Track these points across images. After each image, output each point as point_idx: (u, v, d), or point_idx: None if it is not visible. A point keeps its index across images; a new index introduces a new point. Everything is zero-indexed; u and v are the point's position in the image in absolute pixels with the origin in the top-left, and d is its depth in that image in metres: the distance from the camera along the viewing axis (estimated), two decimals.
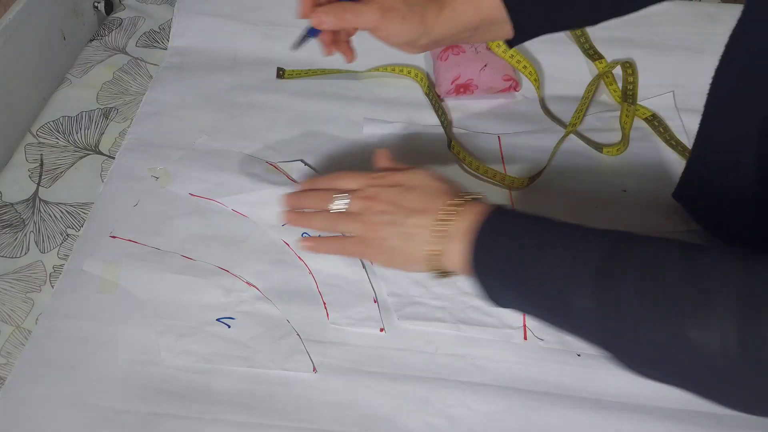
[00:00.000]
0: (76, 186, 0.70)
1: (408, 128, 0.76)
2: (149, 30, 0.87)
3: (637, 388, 0.56)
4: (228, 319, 0.59)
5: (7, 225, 0.66)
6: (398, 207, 0.53)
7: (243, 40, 0.84)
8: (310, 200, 0.58)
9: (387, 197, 0.54)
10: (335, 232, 0.57)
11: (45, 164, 0.71)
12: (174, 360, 0.57)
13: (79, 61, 0.82)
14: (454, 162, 0.73)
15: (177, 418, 0.54)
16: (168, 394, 0.55)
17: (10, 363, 0.57)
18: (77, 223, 0.67)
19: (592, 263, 0.42)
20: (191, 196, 0.68)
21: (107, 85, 0.80)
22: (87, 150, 0.73)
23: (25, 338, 0.58)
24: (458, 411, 0.55)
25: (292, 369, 0.56)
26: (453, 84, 0.78)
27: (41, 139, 0.74)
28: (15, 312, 0.60)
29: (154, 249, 0.64)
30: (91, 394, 0.55)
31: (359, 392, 0.55)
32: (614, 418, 0.54)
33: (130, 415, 0.54)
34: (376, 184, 0.55)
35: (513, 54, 0.79)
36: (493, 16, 0.57)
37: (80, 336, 0.58)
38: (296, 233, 0.66)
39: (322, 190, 0.58)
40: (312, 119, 0.77)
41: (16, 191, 0.69)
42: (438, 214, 0.50)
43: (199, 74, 0.81)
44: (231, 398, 0.55)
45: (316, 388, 0.56)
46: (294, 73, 0.81)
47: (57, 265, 0.63)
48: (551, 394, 0.55)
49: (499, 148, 0.74)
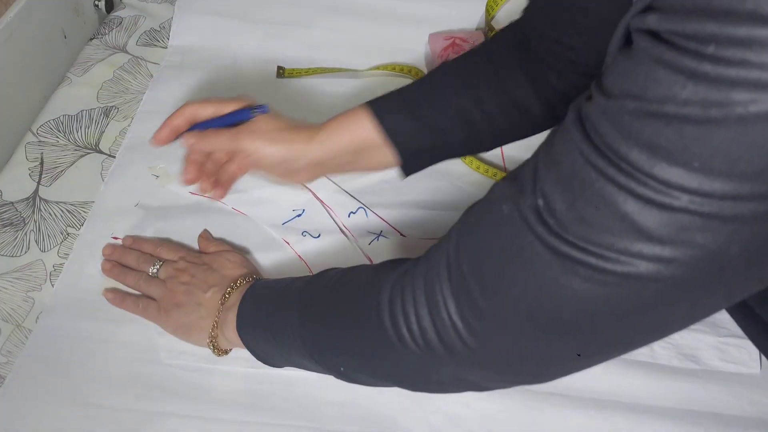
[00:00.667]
0: (76, 185, 0.70)
1: None
2: (150, 29, 0.87)
3: (638, 388, 0.56)
4: None
5: (7, 224, 0.66)
6: (199, 281, 0.57)
7: (243, 39, 0.84)
8: (129, 258, 0.62)
9: (192, 271, 0.58)
10: (143, 292, 0.60)
11: (45, 163, 0.71)
12: (174, 360, 0.57)
13: (79, 60, 0.82)
14: (454, 161, 0.73)
15: (177, 416, 0.54)
16: (168, 392, 0.55)
17: (10, 362, 0.57)
18: (77, 221, 0.67)
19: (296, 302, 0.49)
20: (191, 194, 0.68)
21: (108, 84, 0.80)
22: (87, 149, 0.73)
23: (26, 337, 0.58)
24: (458, 410, 0.55)
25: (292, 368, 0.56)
26: None
27: (41, 138, 0.74)
28: (15, 311, 0.60)
29: None
30: (91, 393, 0.55)
31: (360, 391, 0.55)
32: (613, 417, 0.54)
33: (130, 414, 0.54)
34: (189, 260, 0.60)
35: None
36: (370, 139, 0.57)
37: (80, 335, 0.58)
38: (297, 232, 0.66)
39: (143, 253, 0.62)
40: (312, 119, 0.76)
41: (16, 190, 0.69)
42: (224, 292, 0.55)
43: (199, 73, 0.81)
44: (231, 397, 0.55)
45: (316, 387, 0.55)
46: (294, 72, 0.81)
47: (57, 264, 0.63)
48: (551, 394, 0.55)
49: (500, 148, 0.74)
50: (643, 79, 0.28)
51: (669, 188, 0.27)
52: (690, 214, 0.28)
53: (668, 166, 0.27)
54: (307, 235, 0.66)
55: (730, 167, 0.26)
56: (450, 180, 0.71)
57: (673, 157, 0.27)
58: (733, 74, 0.24)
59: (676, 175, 0.27)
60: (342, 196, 0.69)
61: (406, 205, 0.68)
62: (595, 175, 0.30)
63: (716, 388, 0.56)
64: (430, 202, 0.69)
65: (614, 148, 0.29)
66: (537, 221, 0.32)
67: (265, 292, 0.53)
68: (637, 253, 0.29)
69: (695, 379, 0.56)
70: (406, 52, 0.83)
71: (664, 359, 0.57)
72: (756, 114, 0.24)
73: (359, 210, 0.68)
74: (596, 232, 0.30)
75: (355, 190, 0.69)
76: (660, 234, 0.28)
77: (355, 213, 0.68)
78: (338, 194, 0.69)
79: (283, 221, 0.67)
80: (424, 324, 0.39)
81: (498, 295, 0.35)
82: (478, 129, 0.58)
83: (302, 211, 0.68)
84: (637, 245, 0.29)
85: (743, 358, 0.57)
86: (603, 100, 0.30)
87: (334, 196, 0.69)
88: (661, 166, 0.27)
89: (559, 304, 0.33)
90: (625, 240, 0.29)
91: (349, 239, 0.66)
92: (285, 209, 0.68)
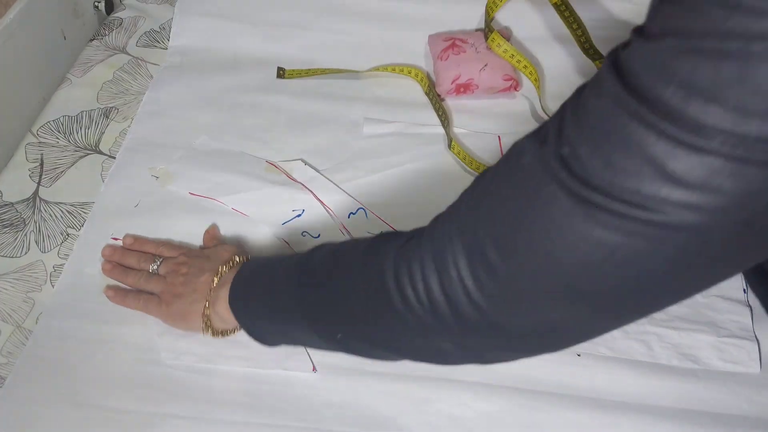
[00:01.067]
0: (76, 186, 0.70)
1: (408, 128, 0.76)
2: (149, 30, 0.87)
3: (637, 388, 0.56)
4: None
5: (7, 224, 0.66)
6: (196, 269, 0.57)
7: (243, 40, 0.84)
8: (130, 259, 0.62)
9: (192, 263, 0.58)
10: (143, 289, 0.60)
11: (45, 164, 0.71)
12: (174, 360, 0.57)
13: (79, 61, 0.82)
14: (454, 162, 0.73)
15: (178, 417, 0.54)
16: (169, 393, 0.55)
17: (10, 363, 0.57)
18: (77, 222, 0.67)
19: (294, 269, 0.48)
20: (191, 195, 0.68)
21: (108, 85, 0.80)
22: (87, 150, 0.73)
23: (26, 338, 0.58)
24: (458, 411, 0.55)
25: (291, 368, 0.56)
26: (453, 84, 0.78)
27: (42, 139, 0.74)
28: (15, 312, 0.60)
29: None
30: (92, 394, 0.55)
31: (360, 392, 0.55)
32: (614, 417, 0.54)
33: (130, 415, 0.54)
34: (188, 254, 0.60)
35: (513, 54, 0.79)
36: None
37: (81, 336, 0.58)
38: (297, 233, 0.66)
39: (143, 253, 0.62)
40: (312, 119, 0.77)
41: (16, 191, 0.69)
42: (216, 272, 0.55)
43: (199, 74, 0.81)
44: (232, 398, 0.55)
45: (316, 388, 0.56)
46: (294, 73, 0.81)
47: (57, 264, 0.63)
48: (551, 394, 0.55)
49: (500, 148, 0.74)
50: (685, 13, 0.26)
51: (702, 128, 0.26)
52: (721, 158, 0.26)
53: (703, 104, 0.26)
54: (306, 235, 0.66)
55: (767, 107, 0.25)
56: (449, 180, 0.71)
57: (709, 94, 0.26)
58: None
59: (710, 114, 0.26)
60: (342, 197, 0.69)
61: (405, 205, 0.68)
62: (626, 118, 0.28)
63: (716, 387, 0.56)
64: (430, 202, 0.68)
65: (648, 87, 0.27)
66: (560, 167, 0.31)
67: (260, 265, 0.53)
68: (663, 199, 0.28)
69: (695, 379, 0.56)
70: (406, 53, 0.83)
71: (664, 359, 0.57)
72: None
73: (359, 210, 0.68)
74: (622, 176, 0.29)
75: (355, 190, 0.70)
76: (689, 178, 0.27)
77: (355, 213, 0.68)
78: (338, 194, 0.69)
79: (282, 221, 0.67)
80: (431, 283, 0.36)
81: (515, 250, 0.33)
82: None
83: (302, 211, 0.68)
84: (664, 190, 0.28)
85: (742, 358, 0.57)
86: (642, 42, 0.29)
87: (334, 196, 0.69)
88: (695, 105, 0.26)
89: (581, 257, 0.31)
90: (652, 184, 0.28)
91: (347, 238, 0.66)
92: (285, 209, 0.68)
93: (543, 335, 0.37)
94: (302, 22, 0.85)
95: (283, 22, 0.84)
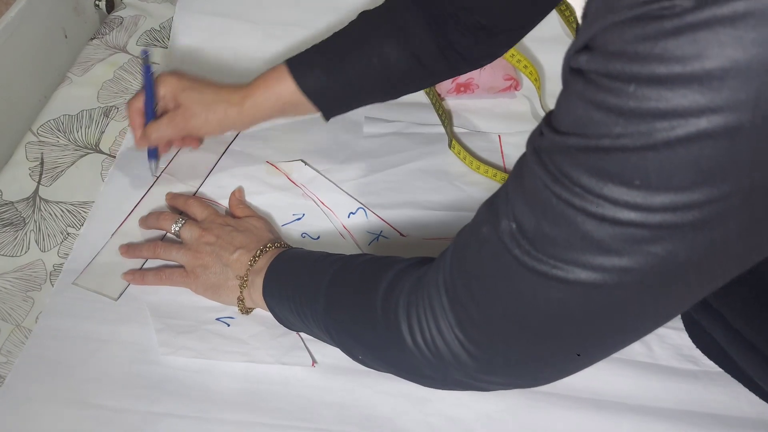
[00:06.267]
0: (76, 185, 0.70)
1: (408, 127, 0.76)
2: (150, 28, 0.87)
3: (637, 389, 0.56)
4: (228, 318, 0.59)
5: (7, 223, 0.66)
6: (225, 242, 0.60)
7: (244, 39, 0.84)
8: (150, 219, 0.65)
9: (218, 232, 0.60)
10: (164, 259, 0.62)
11: (45, 163, 0.71)
12: (172, 355, 0.57)
13: (80, 60, 0.82)
14: (455, 161, 0.73)
15: (177, 417, 0.54)
16: (168, 393, 0.55)
17: (10, 362, 0.57)
18: (78, 221, 0.67)
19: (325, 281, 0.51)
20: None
21: (108, 84, 0.80)
22: (87, 149, 0.73)
23: (25, 337, 0.58)
24: (458, 411, 0.55)
25: (291, 363, 0.56)
26: (453, 83, 0.78)
27: (42, 138, 0.74)
28: (15, 311, 0.60)
29: None
30: (91, 393, 0.55)
31: (359, 392, 0.55)
32: (614, 418, 0.54)
33: (129, 414, 0.54)
34: (214, 220, 0.62)
35: (514, 53, 0.79)
36: (294, 98, 0.64)
37: (80, 335, 0.58)
38: (296, 234, 0.66)
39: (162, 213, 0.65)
40: (312, 119, 0.76)
41: (16, 190, 0.69)
42: (252, 254, 0.58)
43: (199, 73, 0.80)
44: (231, 397, 0.55)
45: (316, 388, 0.56)
46: None
47: (57, 263, 0.63)
48: (551, 394, 0.55)
49: (500, 148, 0.74)
50: (581, 119, 0.32)
51: (618, 205, 0.31)
52: (638, 227, 0.31)
53: (614, 186, 0.31)
54: (306, 236, 0.66)
55: (666, 183, 0.29)
56: (449, 180, 0.71)
57: (617, 178, 0.30)
58: (653, 107, 0.28)
59: (622, 193, 0.31)
60: (342, 197, 0.69)
61: (405, 205, 0.68)
62: (555, 200, 0.33)
63: (715, 389, 0.56)
64: (430, 202, 0.69)
65: (568, 175, 0.32)
66: (513, 243, 0.36)
67: (294, 265, 0.55)
68: (599, 266, 0.33)
69: (694, 380, 0.56)
70: None
71: (664, 360, 0.57)
72: (677, 137, 0.28)
73: (359, 210, 0.68)
74: (562, 249, 0.34)
75: (355, 189, 0.69)
76: (616, 247, 0.32)
77: (355, 213, 0.68)
78: (338, 194, 0.69)
79: (282, 223, 0.67)
80: (433, 335, 0.42)
81: (489, 307, 0.39)
82: (385, 81, 0.64)
83: (302, 215, 0.68)
84: (598, 258, 0.33)
85: None
86: (553, 135, 0.34)
87: (334, 196, 0.69)
88: (608, 187, 0.31)
89: (542, 312, 0.37)
90: (587, 254, 0.33)
91: (347, 240, 0.66)
92: (285, 212, 0.68)
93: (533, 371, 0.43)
94: (302, 21, 0.85)
95: (284, 21, 0.84)
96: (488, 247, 0.38)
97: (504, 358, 0.41)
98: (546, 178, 0.34)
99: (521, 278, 0.36)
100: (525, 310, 0.38)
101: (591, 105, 0.31)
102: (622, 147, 0.30)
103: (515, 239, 0.36)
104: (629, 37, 0.28)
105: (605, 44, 0.30)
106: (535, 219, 0.35)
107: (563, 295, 0.35)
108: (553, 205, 0.34)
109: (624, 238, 0.32)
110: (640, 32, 0.28)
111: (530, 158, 0.36)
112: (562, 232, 0.33)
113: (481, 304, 0.39)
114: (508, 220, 0.37)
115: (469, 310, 0.40)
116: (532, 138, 0.37)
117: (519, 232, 0.36)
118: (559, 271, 0.34)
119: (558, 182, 0.33)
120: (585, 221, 0.32)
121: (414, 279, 0.45)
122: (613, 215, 0.31)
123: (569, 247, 0.34)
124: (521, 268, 0.36)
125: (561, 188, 0.33)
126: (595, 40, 0.30)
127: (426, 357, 0.43)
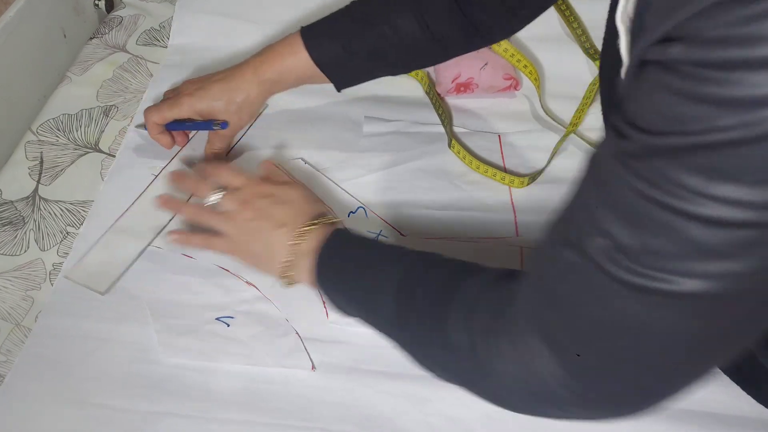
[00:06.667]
0: (76, 184, 0.70)
1: (408, 127, 0.76)
2: (149, 28, 0.87)
3: None
4: (227, 318, 0.59)
5: (7, 222, 0.66)
6: (266, 218, 0.57)
7: (243, 39, 0.84)
8: (188, 182, 0.63)
9: (258, 205, 0.58)
10: (204, 224, 0.60)
11: (45, 162, 0.71)
12: (172, 356, 0.57)
13: (79, 59, 0.82)
14: (454, 161, 0.73)
15: (177, 416, 0.54)
16: (168, 392, 0.55)
17: (9, 361, 0.57)
18: (77, 221, 0.67)
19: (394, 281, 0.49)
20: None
21: (107, 83, 0.80)
22: (87, 148, 0.73)
23: (25, 336, 0.58)
24: (458, 411, 0.55)
25: (290, 366, 0.56)
26: (453, 83, 0.78)
27: (41, 137, 0.74)
28: (15, 310, 0.60)
29: (155, 248, 0.64)
30: (91, 392, 0.55)
31: (359, 391, 0.55)
32: None
33: (129, 414, 0.54)
34: (252, 189, 0.60)
35: (513, 53, 0.79)
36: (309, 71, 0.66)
37: (80, 334, 0.58)
38: None
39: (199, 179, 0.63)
40: (312, 118, 0.76)
41: (16, 189, 0.69)
42: (296, 231, 0.55)
43: (199, 72, 0.81)
44: (231, 397, 0.55)
45: (316, 388, 0.56)
46: None
47: (57, 263, 0.63)
48: None
49: (500, 147, 0.74)
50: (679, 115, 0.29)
51: (728, 205, 0.29)
52: (751, 227, 0.29)
53: (724, 184, 0.28)
54: None
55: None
56: (449, 179, 0.71)
57: (727, 175, 0.28)
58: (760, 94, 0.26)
59: (732, 191, 0.28)
60: (342, 196, 0.69)
61: (405, 205, 0.68)
62: (654, 207, 0.31)
63: (715, 388, 0.56)
64: (430, 202, 0.69)
65: (668, 177, 0.30)
66: (608, 262, 0.33)
67: (353, 255, 0.53)
68: (710, 273, 0.31)
69: None
70: None
71: None
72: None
73: (359, 209, 0.68)
74: (666, 259, 0.31)
75: (355, 189, 0.69)
76: (728, 250, 0.30)
77: (355, 213, 0.68)
78: (338, 194, 0.69)
79: None
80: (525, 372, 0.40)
81: (588, 337, 0.37)
82: (398, 54, 0.65)
83: None
84: (709, 264, 0.30)
85: None
86: (644, 138, 0.31)
87: (334, 195, 0.69)
88: (717, 186, 0.28)
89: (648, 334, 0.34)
90: (695, 261, 0.31)
91: None
92: None
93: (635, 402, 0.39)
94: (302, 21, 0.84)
95: (283, 21, 0.84)
96: (577, 273, 0.36)
97: (607, 391, 0.38)
98: (640, 185, 0.31)
99: (623, 299, 0.33)
100: (629, 336, 0.35)
101: (689, 99, 0.28)
102: (730, 141, 0.27)
103: (610, 257, 0.33)
104: (732, 19, 0.26)
105: (699, 31, 0.27)
106: (632, 230, 0.32)
107: (671, 311, 0.33)
108: (652, 213, 0.31)
109: (735, 240, 0.29)
110: (742, 13, 0.25)
111: (614, 167, 0.33)
112: (665, 241, 0.31)
113: (580, 336, 0.37)
114: (599, 237, 0.34)
115: (564, 342, 0.38)
116: (608, 145, 0.34)
117: (614, 248, 0.33)
118: (664, 284, 0.32)
119: (656, 187, 0.30)
120: (690, 225, 0.30)
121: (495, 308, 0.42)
122: (722, 216, 0.29)
123: (674, 256, 0.31)
124: (622, 288, 0.33)
125: (661, 193, 0.30)
126: (682, 28, 0.28)
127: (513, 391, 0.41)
